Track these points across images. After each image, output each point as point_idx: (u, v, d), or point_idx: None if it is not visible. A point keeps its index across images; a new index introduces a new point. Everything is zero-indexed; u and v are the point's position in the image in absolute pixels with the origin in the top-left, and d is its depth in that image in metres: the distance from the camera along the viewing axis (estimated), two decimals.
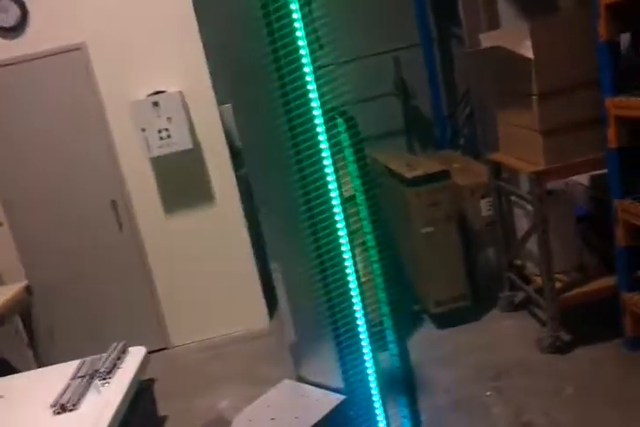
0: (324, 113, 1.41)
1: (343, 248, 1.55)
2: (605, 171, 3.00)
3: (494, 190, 3.64)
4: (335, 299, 1.54)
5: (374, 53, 4.49)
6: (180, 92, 3.99)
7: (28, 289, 3.79)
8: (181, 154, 4.02)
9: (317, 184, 1.45)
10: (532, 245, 3.34)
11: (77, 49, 3.98)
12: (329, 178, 1.48)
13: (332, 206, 1.51)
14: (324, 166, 1.47)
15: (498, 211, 3.68)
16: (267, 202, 1.57)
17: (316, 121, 1.41)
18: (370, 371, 1.66)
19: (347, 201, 1.56)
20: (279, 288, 1.64)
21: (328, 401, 1.54)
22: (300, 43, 1.35)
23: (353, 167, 1.46)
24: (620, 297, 3.04)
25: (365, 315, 1.63)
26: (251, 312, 4.38)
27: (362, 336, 1.62)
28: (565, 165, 3.03)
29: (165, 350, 4.46)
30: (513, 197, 3.63)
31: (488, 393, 3.05)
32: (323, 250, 1.50)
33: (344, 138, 1.45)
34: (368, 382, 1.66)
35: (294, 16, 1.31)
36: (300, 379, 1.67)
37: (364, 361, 1.65)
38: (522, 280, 3.62)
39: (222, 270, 4.29)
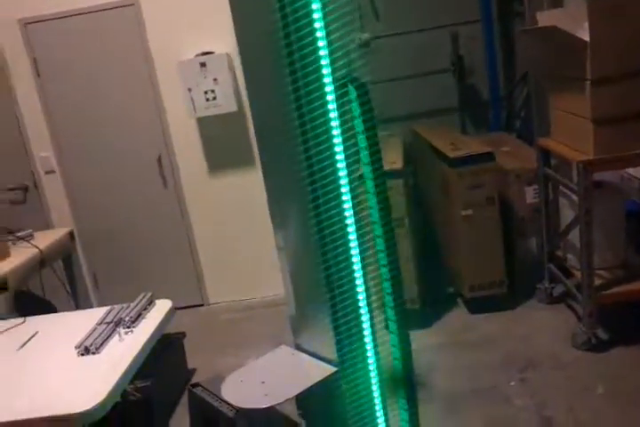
0: (335, 80, 1.37)
1: (348, 221, 1.52)
2: None
3: (541, 177, 3.51)
4: (335, 275, 1.53)
5: (432, 27, 4.35)
6: (228, 55, 3.99)
7: (71, 235, 3.95)
8: (226, 116, 4.05)
9: (322, 157, 1.43)
10: (575, 237, 3.22)
11: (131, 5, 4.04)
12: (336, 154, 1.45)
13: (339, 181, 1.49)
14: (333, 137, 1.44)
15: (544, 199, 3.54)
16: (271, 171, 1.56)
17: (327, 88, 1.37)
18: (368, 347, 1.65)
19: (358, 179, 1.53)
20: (281, 256, 1.64)
21: (319, 371, 1.54)
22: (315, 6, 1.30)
23: (361, 138, 1.43)
24: None
25: (367, 291, 1.61)
26: None
27: (361, 311, 1.60)
28: (616, 156, 2.86)
29: (201, 307, 4.59)
30: (561, 186, 3.49)
31: (512, 383, 2.99)
32: (324, 224, 1.49)
33: (354, 107, 1.41)
34: (366, 357, 1.65)
35: None
36: (297, 346, 1.68)
37: (363, 337, 1.63)
38: (562, 273, 3.49)
39: (262, 233, 4.32)
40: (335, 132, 1.46)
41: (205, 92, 3.92)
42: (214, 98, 3.93)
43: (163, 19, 4.04)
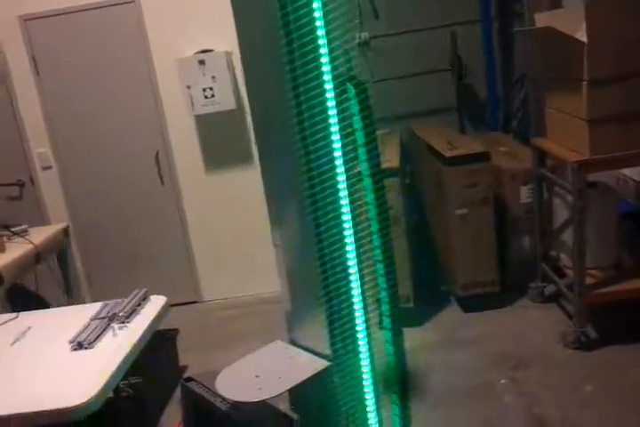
0: (335, 78, 1.38)
1: (344, 217, 1.54)
2: None
3: (536, 177, 3.53)
4: (329, 266, 1.54)
5: (431, 27, 4.36)
6: (227, 52, 4.01)
7: (66, 231, 3.95)
8: (224, 114, 4.06)
9: (320, 154, 1.44)
10: (568, 237, 3.25)
11: (131, 2, 4.05)
12: (335, 150, 1.47)
13: (337, 178, 1.50)
14: (331, 133, 1.45)
15: (538, 199, 3.57)
16: (269, 169, 1.57)
17: (326, 86, 1.38)
18: (362, 342, 1.67)
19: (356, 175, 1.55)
20: (278, 253, 1.65)
21: (312, 366, 1.55)
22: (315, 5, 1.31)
23: (360, 135, 1.45)
24: None
25: (362, 286, 1.63)
26: None
27: (355, 307, 1.62)
28: (611, 157, 2.88)
29: (196, 304, 4.60)
30: (555, 187, 3.51)
31: (503, 381, 3.02)
32: (321, 220, 1.50)
33: (352, 105, 1.43)
34: (359, 352, 1.66)
35: None
36: (292, 341, 1.69)
37: (356, 332, 1.65)
38: (554, 272, 3.52)
39: (257, 231, 4.33)
40: (334, 128, 1.47)
41: (204, 90, 3.93)
42: (213, 95, 3.94)
43: (162, 16, 4.05)
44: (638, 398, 2.73)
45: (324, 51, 1.41)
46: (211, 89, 3.93)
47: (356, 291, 1.61)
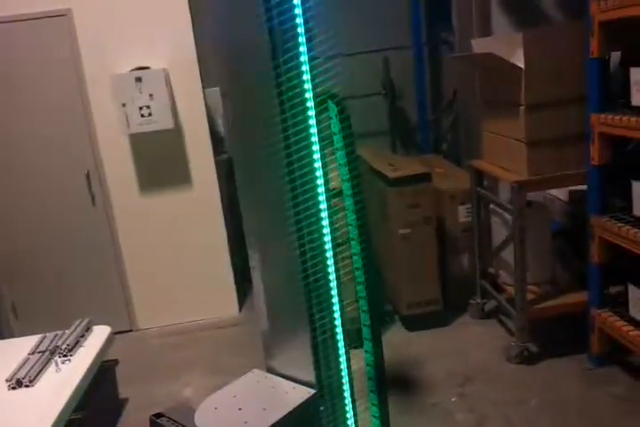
0: (316, 96, 1.37)
1: (325, 239, 1.51)
2: (584, 187, 3.01)
3: (474, 197, 3.65)
4: (313, 292, 1.51)
5: (365, 51, 4.46)
6: (165, 70, 3.90)
7: None
8: (161, 133, 3.93)
9: (304, 172, 1.42)
10: (508, 254, 3.36)
11: (63, 15, 3.85)
12: (316, 170, 1.45)
13: (318, 197, 1.48)
14: (313, 152, 1.43)
15: (476, 218, 3.68)
16: (249, 190, 1.52)
17: (308, 104, 1.37)
18: (343, 366, 1.64)
19: (335, 195, 1.53)
20: (255, 276, 1.60)
21: (298, 394, 1.50)
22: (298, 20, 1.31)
23: (340, 155, 1.43)
24: (589, 313, 3.06)
25: (342, 310, 1.60)
26: (221, 300, 4.33)
27: (337, 331, 1.59)
28: (547, 177, 3.04)
29: (130, 333, 4.37)
30: (492, 206, 3.64)
31: (453, 399, 3.05)
32: (305, 240, 1.47)
33: (333, 123, 1.42)
34: (341, 377, 1.63)
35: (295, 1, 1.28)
36: (270, 370, 1.63)
37: (338, 356, 1.62)
38: (494, 288, 3.63)
39: (194, 255, 4.22)
40: (315, 147, 1.45)
41: (140, 108, 3.79)
42: (150, 114, 3.80)
43: (97, 31, 3.88)
44: (582, 408, 2.84)
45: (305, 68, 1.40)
46: (148, 107, 3.79)
47: (337, 314, 1.59)
